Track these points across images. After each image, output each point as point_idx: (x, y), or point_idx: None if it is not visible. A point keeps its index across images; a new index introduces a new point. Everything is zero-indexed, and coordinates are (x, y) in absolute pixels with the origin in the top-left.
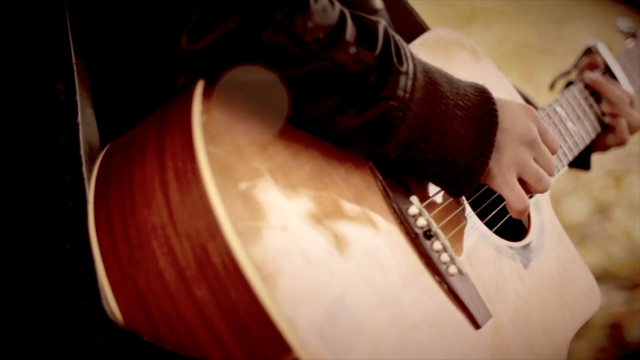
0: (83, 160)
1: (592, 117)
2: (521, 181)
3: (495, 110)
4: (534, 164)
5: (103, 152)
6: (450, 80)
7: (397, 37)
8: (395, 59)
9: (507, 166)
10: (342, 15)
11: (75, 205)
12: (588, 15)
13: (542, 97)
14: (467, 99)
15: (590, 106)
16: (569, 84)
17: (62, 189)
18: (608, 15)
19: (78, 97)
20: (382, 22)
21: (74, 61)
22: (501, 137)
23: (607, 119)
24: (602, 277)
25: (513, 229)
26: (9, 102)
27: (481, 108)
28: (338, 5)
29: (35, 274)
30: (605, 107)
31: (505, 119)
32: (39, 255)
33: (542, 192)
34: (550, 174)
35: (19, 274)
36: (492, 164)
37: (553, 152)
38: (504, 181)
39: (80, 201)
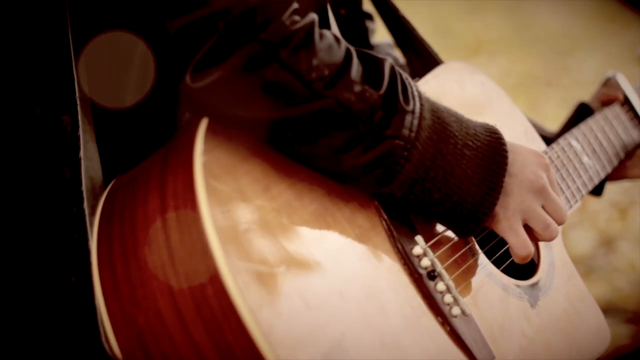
0: (84, 195)
1: (609, 150)
2: (528, 227)
3: (506, 152)
4: (541, 212)
5: (108, 189)
6: (460, 119)
7: (405, 75)
8: (401, 98)
9: (512, 211)
10: (348, 53)
11: (81, 238)
12: (593, 47)
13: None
14: (477, 139)
15: (608, 139)
16: (582, 108)
17: (67, 221)
18: (613, 47)
19: (81, 132)
20: (389, 60)
21: (77, 95)
22: (509, 181)
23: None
24: (608, 309)
25: (522, 265)
26: (16, 133)
27: (491, 149)
28: (344, 43)
29: (42, 306)
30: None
31: (515, 163)
32: (46, 288)
33: (549, 240)
34: (560, 222)
35: (27, 305)
36: (498, 207)
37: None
38: (509, 226)
39: (84, 234)
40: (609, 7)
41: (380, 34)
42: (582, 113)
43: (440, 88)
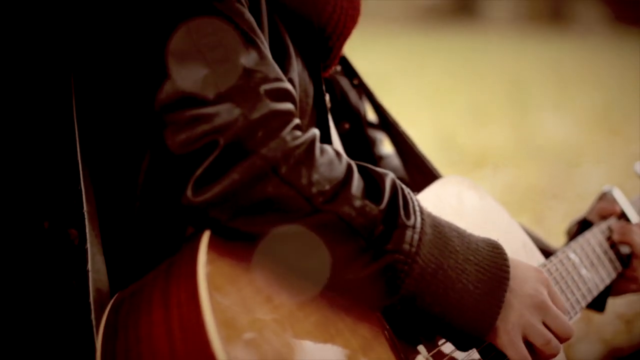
0: (92, 307)
1: (607, 263)
2: (529, 343)
3: (508, 267)
4: (541, 327)
5: (112, 301)
6: (462, 234)
7: (407, 190)
8: (402, 213)
9: (512, 325)
10: (348, 168)
11: (88, 349)
12: (598, 160)
13: (553, 243)
14: (479, 254)
15: (605, 252)
16: (584, 228)
17: (75, 333)
18: (618, 159)
19: (89, 245)
20: (390, 175)
21: (85, 209)
22: (509, 296)
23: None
24: None
25: None
26: (24, 247)
27: (493, 264)
28: (345, 158)
29: None
30: (624, 250)
31: (515, 279)
32: None
33: (551, 356)
34: (563, 338)
35: None
36: (499, 321)
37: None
38: (509, 340)
39: (90, 346)
40: (613, 118)
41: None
42: (581, 227)
43: (439, 202)
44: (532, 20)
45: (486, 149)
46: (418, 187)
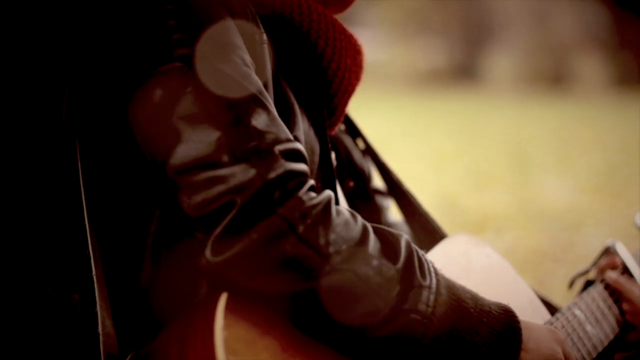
0: None
1: (612, 319)
2: None
3: (519, 329)
4: None
5: None
6: (475, 297)
7: (421, 252)
8: (418, 273)
9: None
10: (364, 229)
11: None
12: (599, 222)
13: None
14: (491, 316)
15: (609, 308)
16: (588, 284)
17: None
18: (619, 222)
19: (98, 309)
20: (405, 237)
21: (94, 272)
22: (527, 357)
23: (629, 317)
24: None
25: None
26: (28, 310)
27: (505, 326)
28: (360, 219)
29: None
30: (625, 307)
31: (531, 340)
32: None
33: None
34: None
35: None
36: None
37: None
38: None
39: None
40: (615, 181)
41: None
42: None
43: (448, 260)
44: (534, 82)
45: (488, 212)
46: (425, 246)
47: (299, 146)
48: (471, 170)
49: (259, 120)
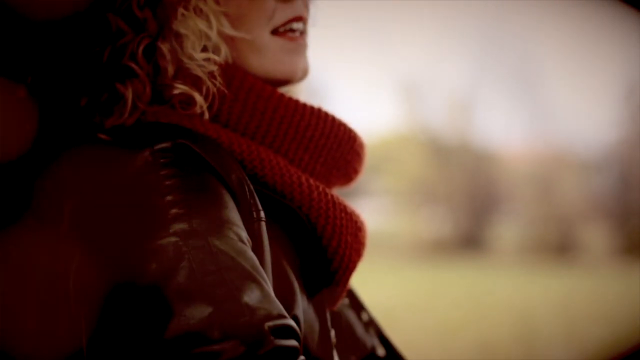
0: None
1: None
2: None
3: None
4: None
5: None
6: None
7: None
8: None
9: None
10: None
11: None
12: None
13: None
14: None
15: None
16: None
17: None
18: None
19: None
20: None
21: None
22: None
23: None
24: None
25: None
26: None
27: None
28: None
29: None
30: None
31: None
32: None
33: None
34: None
35: None
36: None
37: None
38: None
39: None
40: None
41: None
42: None
43: None
44: (539, 251)
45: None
46: None
47: (291, 322)
48: (477, 344)
49: (252, 297)
